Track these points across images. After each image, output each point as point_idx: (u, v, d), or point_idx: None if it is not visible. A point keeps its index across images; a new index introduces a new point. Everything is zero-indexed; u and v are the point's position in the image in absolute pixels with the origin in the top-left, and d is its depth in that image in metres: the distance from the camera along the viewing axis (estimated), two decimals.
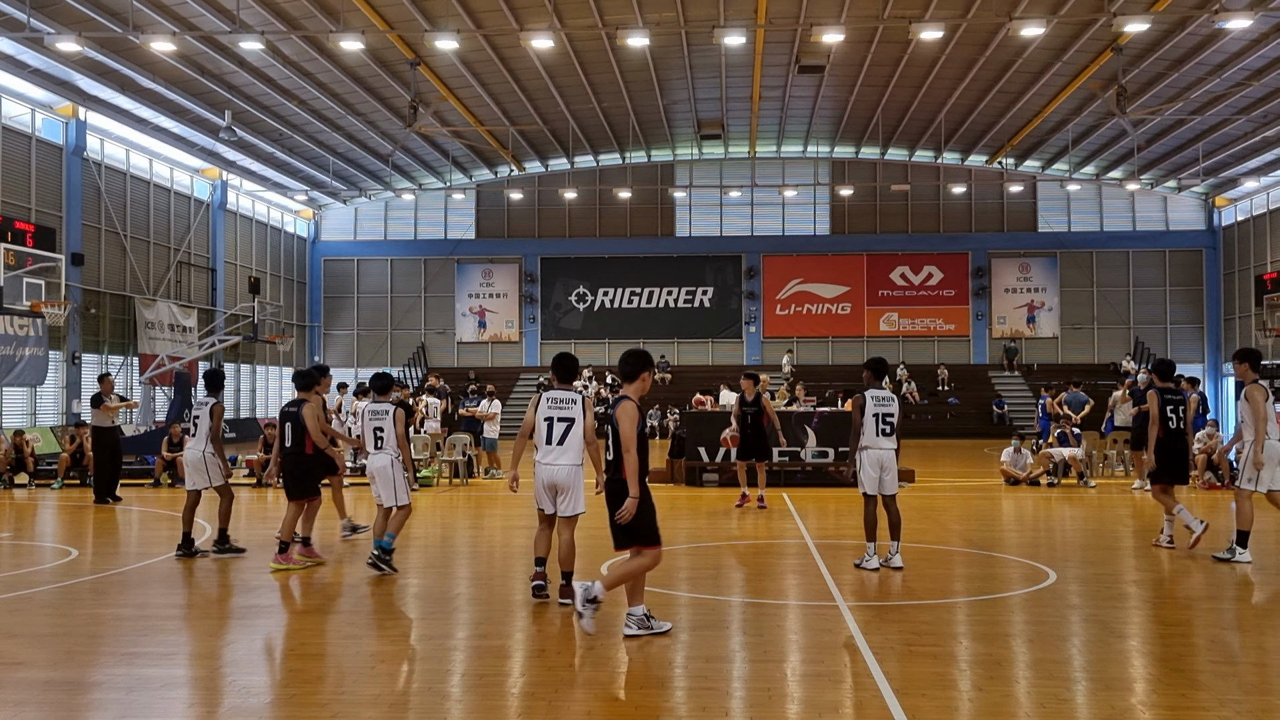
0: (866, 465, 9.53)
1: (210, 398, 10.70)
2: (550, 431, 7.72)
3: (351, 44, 22.21)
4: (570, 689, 5.88)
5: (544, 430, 7.74)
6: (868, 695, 5.67)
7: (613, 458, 7.07)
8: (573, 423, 7.74)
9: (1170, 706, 5.49)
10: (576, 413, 7.77)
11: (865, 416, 9.54)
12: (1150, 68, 28.20)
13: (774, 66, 31.01)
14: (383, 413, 9.73)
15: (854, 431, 9.61)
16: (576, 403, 7.83)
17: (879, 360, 9.92)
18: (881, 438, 9.50)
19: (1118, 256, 42.43)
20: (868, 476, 9.53)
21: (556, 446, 7.71)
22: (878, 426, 9.50)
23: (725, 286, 43.39)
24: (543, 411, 7.80)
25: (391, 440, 9.64)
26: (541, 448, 7.77)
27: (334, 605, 8.29)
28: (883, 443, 9.51)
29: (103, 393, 16.16)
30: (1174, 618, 7.62)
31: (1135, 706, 5.53)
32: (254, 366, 39.50)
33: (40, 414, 27.52)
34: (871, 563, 9.42)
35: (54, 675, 6.17)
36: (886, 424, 9.52)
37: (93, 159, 29.74)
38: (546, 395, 7.89)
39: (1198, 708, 5.46)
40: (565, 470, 7.71)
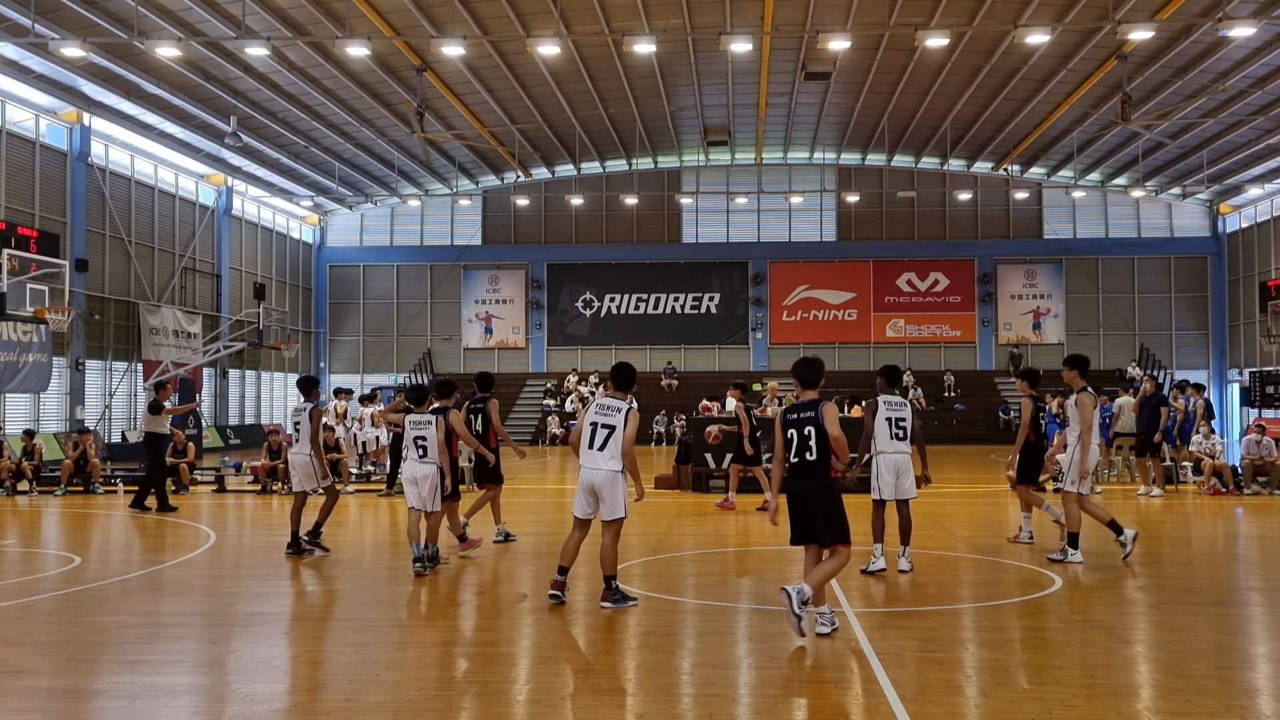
0: (882, 470, 9.64)
1: (308, 402, 11.11)
2: (594, 436, 7.96)
3: (358, 50, 22.24)
4: (576, 696, 5.85)
5: (588, 434, 7.99)
6: (875, 701, 5.64)
7: (816, 458, 7.26)
8: (614, 430, 7.92)
9: (1176, 713, 5.45)
10: (619, 420, 7.95)
11: (877, 421, 9.66)
12: (1154, 75, 28.18)
13: (780, 73, 31.04)
14: (425, 422, 10.01)
15: (865, 436, 9.70)
16: (622, 410, 8.00)
17: (893, 368, 10.07)
18: (895, 441, 9.64)
19: (1123, 263, 42.36)
20: (884, 482, 9.63)
21: (597, 451, 7.93)
22: (891, 430, 9.64)
23: (732, 293, 43.38)
24: (590, 416, 8.06)
25: (434, 449, 9.92)
26: (584, 452, 8.00)
27: (338, 613, 8.27)
28: (896, 447, 9.64)
29: (160, 399, 16.07)
30: (1180, 623, 7.57)
31: (1141, 713, 5.49)
32: (259, 373, 39.54)
33: (44, 420, 27.56)
34: (878, 563, 9.51)
35: (56, 683, 6.15)
36: (899, 428, 9.65)
37: (97, 164, 29.83)
38: (597, 401, 8.12)
39: (1204, 714, 5.43)
40: (604, 474, 7.89)
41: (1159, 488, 16.83)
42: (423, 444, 9.94)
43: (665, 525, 13.29)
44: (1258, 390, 37.14)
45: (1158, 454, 17.20)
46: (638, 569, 9.97)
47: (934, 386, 39.72)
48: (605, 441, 7.91)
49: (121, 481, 19.13)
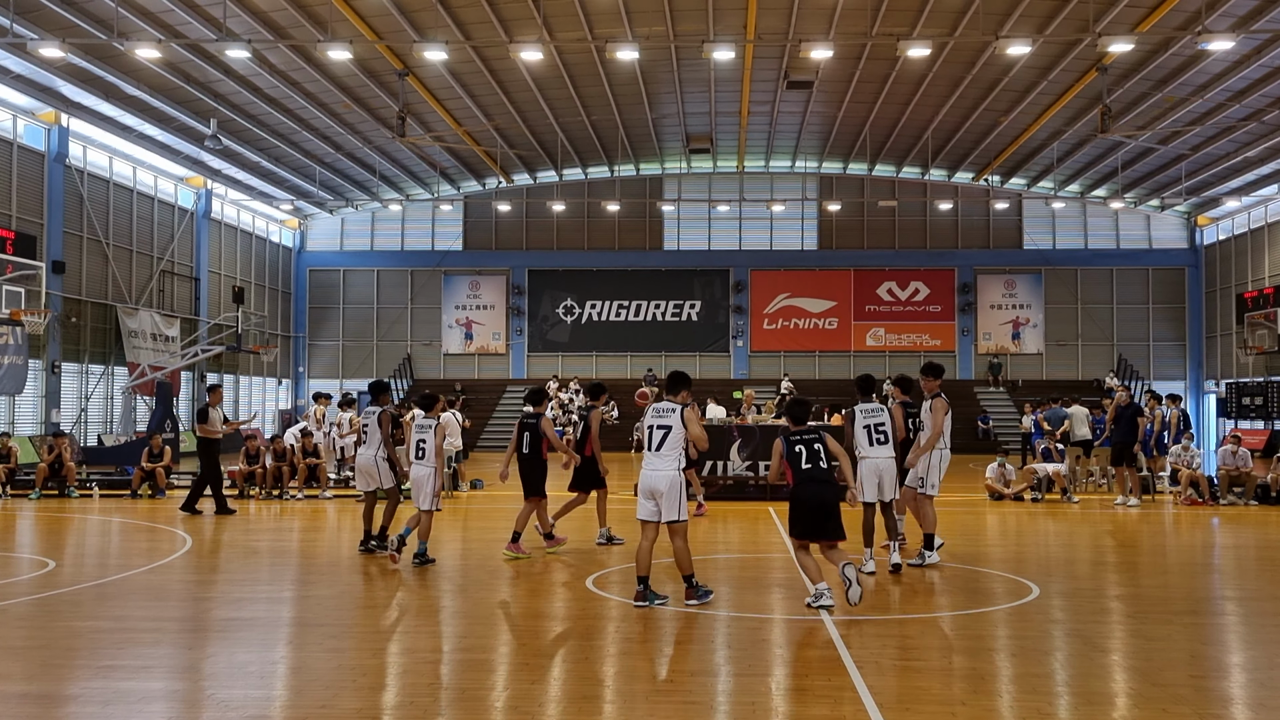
0: (866, 474, 9.94)
1: (376, 406, 11.44)
2: (651, 438, 8.33)
3: (339, 54, 22.15)
4: (554, 703, 5.83)
5: (647, 437, 8.42)
6: (852, 710, 5.65)
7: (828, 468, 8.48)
8: (670, 429, 8.28)
9: None
10: (674, 420, 8.33)
11: (856, 429, 10.06)
12: (1134, 88, 28.48)
13: (763, 82, 31.16)
14: (427, 426, 10.70)
15: (846, 445, 9.93)
16: (676, 412, 8.39)
17: (866, 377, 10.64)
18: (876, 446, 10.01)
19: (1101, 274, 42.74)
20: (868, 485, 9.94)
21: (655, 453, 8.30)
22: (871, 436, 10.02)
23: (713, 300, 43.45)
24: (647, 419, 8.48)
25: (431, 452, 10.55)
26: (646, 455, 8.42)
27: (316, 618, 8.21)
28: (878, 451, 10.00)
29: (210, 404, 15.90)
30: (1156, 632, 7.64)
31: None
32: (237, 377, 39.27)
33: (19, 423, 27.26)
34: (868, 566, 9.80)
35: (29, 688, 6.08)
36: (880, 433, 10.04)
37: (75, 166, 29.57)
38: (653, 406, 8.54)
39: None
40: (664, 477, 8.20)
41: (1136, 498, 16.96)
42: (422, 447, 10.55)
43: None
44: (1234, 401, 37.57)
45: (1134, 464, 17.35)
46: (617, 575, 9.96)
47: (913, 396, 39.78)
48: (663, 441, 8.26)
49: (97, 485, 18.95)
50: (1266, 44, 24.38)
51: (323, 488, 18.30)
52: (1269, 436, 33.69)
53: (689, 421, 8.39)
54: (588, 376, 41.75)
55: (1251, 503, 17.10)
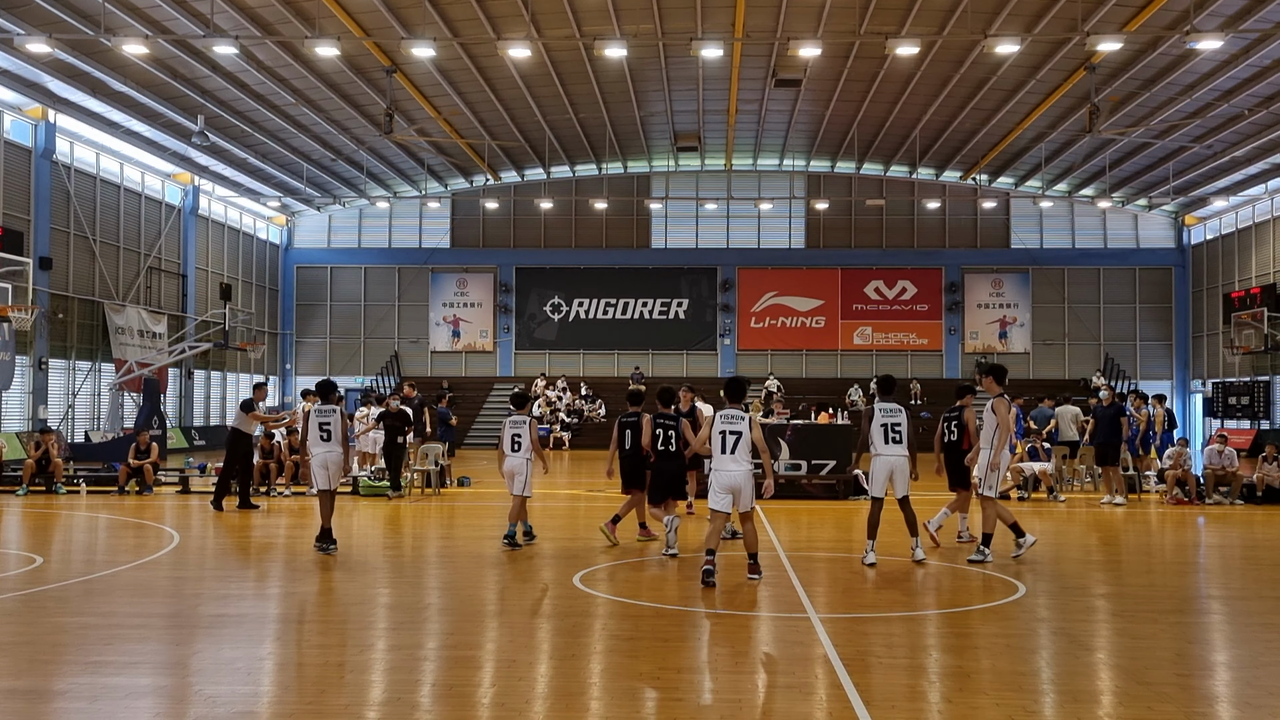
0: (878, 471, 10.39)
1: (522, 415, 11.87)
2: (724, 443, 9.27)
3: (327, 50, 22.07)
4: (541, 700, 5.85)
5: (719, 442, 9.30)
6: (838, 707, 5.69)
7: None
8: (741, 435, 9.25)
9: (1137, 718, 5.53)
10: (744, 427, 9.27)
11: (874, 426, 10.42)
12: (1122, 87, 28.62)
13: (751, 80, 31.20)
14: (520, 422, 11.63)
15: (860, 440, 10.53)
16: (744, 419, 9.32)
17: (887, 377, 11.07)
18: (891, 445, 10.36)
19: (1089, 273, 42.94)
20: (879, 481, 10.40)
21: (729, 455, 9.25)
22: (886, 435, 10.38)
23: (700, 299, 43.49)
24: (718, 426, 9.36)
25: (526, 444, 11.55)
26: (718, 457, 9.32)
27: (303, 615, 8.21)
28: (892, 449, 10.36)
29: (255, 400, 15.89)
30: (1141, 631, 7.69)
31: (1102, 718, 5.58)
32: (224, 374, 39.12)
33: (6, 419, 27.10)
34: (870, 557, 10.25)
35: (17, 684, 6.06)
36: (895, 433, 10.39)
37: (62, 162, 29.40)
38: (720, 413, 9.44)
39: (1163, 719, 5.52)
40: (740, 474, 9.25)
41: (1121, 497, 17.06)
42: (518, 440, 11.54)
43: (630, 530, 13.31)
44: (1220, 401, 37.81)
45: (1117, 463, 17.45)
46: (603, 574, 9.98)
47: (900, 395, 39.86)
48: (735, 445, 9.23)
49: (84, 481, 18.86)
50: (1255, 44, 24.52)
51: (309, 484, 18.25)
52: (1255, 436, 33.93)
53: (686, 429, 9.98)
54: (575, 375, 41.80)
55: (1237, 502, 17.22)
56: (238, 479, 15.70)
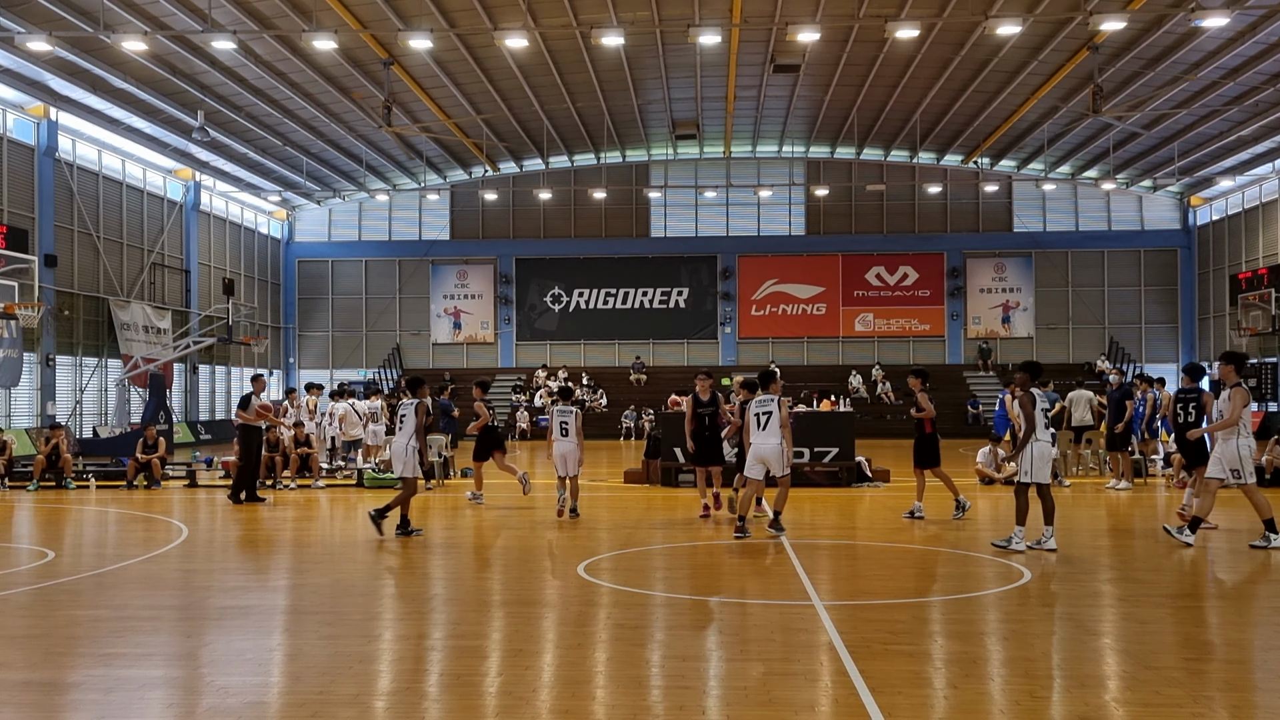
0: (1035, 457, 10.39)
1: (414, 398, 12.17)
2: (759, 421, 11.51)
3: (324, 43, 22.09)
4: (547, 688, 5.89)
5: (754, 421, 11.53)
6: (844, 693, 5.72)
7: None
8: (772, 414, 11.47)
9: (1144, 704, 5.55)
10: (773, 408, 11.51)
11: (1037, 412, 10.40)
12: (1126, 66, 28.49)
13: (749, 66, 31.12)
14: (568, 411, 13.30)
15: (1026, 425, 10.43)
16: (774, 401, 11.58)
17: (1034, 363, 11.04)
18: (1047, 432, 10.51)
19: (1093, 256, 42.85)
20: (1041, 468, 10.40)
21: (763, 431, 11.47)
22: (1043, 421, 10.45)
23: (700, 287, 43.47)
24: (753, 409, 11.62)
25: (574, 431, 13.14)
26: (754, 433, 11.52)
27: (311, 606, 8.26)
28: (1048, 436, 10.53)
29: (254, 392, 15.91)
30: (1148, 615, 7.71)
31: (1109, 704, 5.59)
32: (229, 368, 39.21)
33: (15, 416, 27.20)
34: (1049, 543, 10.34)
35: (32, 676, 6.12)
36: (1047, 418, 10.55)
37: (65, 160, 29.42)
38: (756, 399, 11.66)
39: (1171, 704, 5.53)
40: (771, 447, 11.40)
41: (1127, 481, 17.05)
42: (566, 426, 13.14)
43: (634, 519, 13.36)
44: None
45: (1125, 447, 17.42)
46: (607, 563, 10.02)
47: (902, 381, 39.90)
48: (767, 423, 11.45)
49: (94, 476, 18.95)
50: (1261, 20, 24.38)
51: (315, 477, 18.33)
52: (1263, 418, 33.86)
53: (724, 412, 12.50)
54: (576, 365, 41.82)
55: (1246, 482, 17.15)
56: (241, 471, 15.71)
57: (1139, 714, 5.38)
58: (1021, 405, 10.47)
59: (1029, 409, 10.40)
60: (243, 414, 15.76)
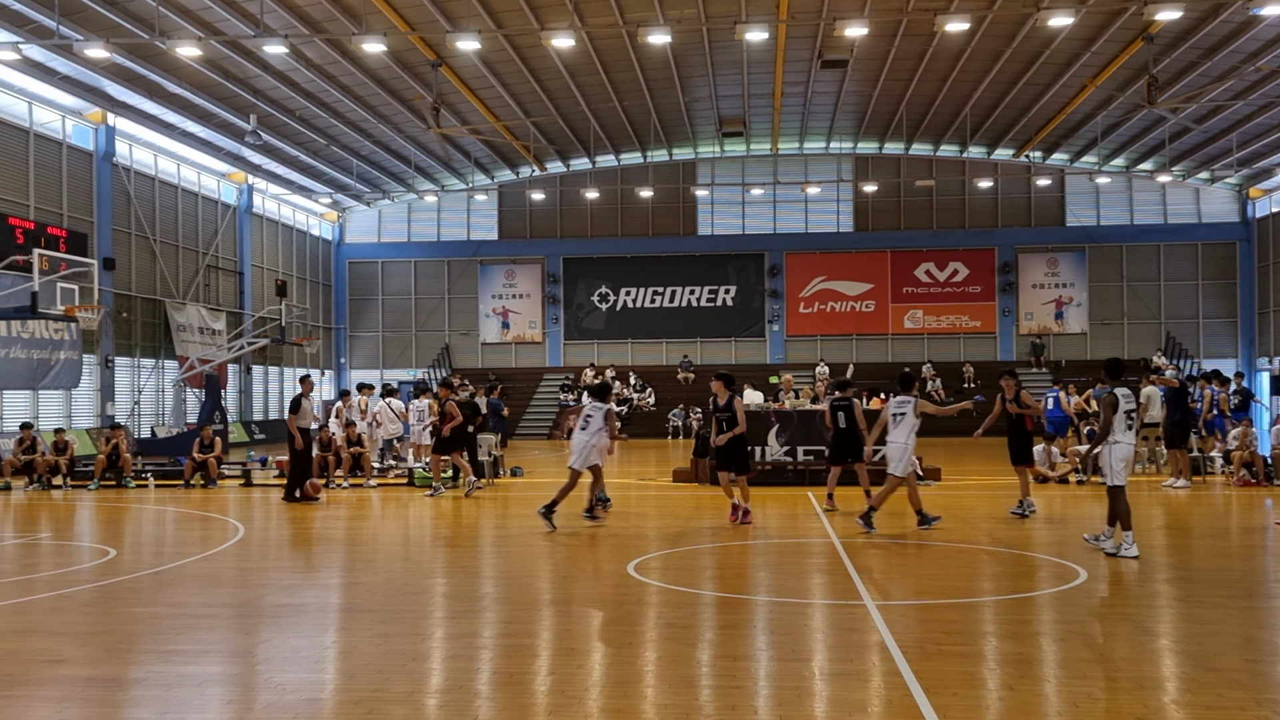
0: (1116, 458, 9.95)
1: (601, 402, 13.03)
2: (895, 420, 11.71)
3: (374, 46, 22.35)
4: (598, 687, 5.91)
5: (891, 422, 11.76)
6: (897, 694, 5.66)
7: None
8: (905, 415, 11.71)
9: (1206, 706, 5.43)
10: (908, 409, 11.68)
11: (1117, 414, 9.98)
12: (1182, 57, 27.87)
13: (796, 62, 30.93)
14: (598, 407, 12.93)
15: (1103, 427, 9.99)
16: (910, 403, 11.75)
17: (1115, 360, 10.60)
18: (1129, 433, 10.06)
19: (1148, 250, 41.97)
20: (1120, 470, 9.95)
21: (894, 430, 11.68)
22: (1126, 422, 10.03)
23: (748, 285, 43.30)
24: (890, 409, 11.84)
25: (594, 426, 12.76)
26: (890, 431, 11.71)
27: (364, 604, 8.36)
28: (1130, 438, 10.07)
29: (303, 394, 16.17)
30: (1208, 616, 7.54)
31: (1169, 706, 5.48)
32: (281, 369, 39.86)
33: (76, 416, 27.91)
34: (1131, 550, 9.78)
35: (95, 672, 6.28)
36: (1130, 418, 10.10)
37: (122, 164, 30.11)
38: (892, 400, 12.03)
39: (1234, 707, 5.41)
40: (895, 445, 11.62)
41: (1186, 479, 16.70)
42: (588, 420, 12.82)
43: (684, 518, 13.35)
44: None
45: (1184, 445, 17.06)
46: (656, 562, 10.03)
47: (953, 378, 39.53)
48: (899, 422, 11.67)
49: (152, 476, 19.39)
50: None
51: (366, 476, 18.56)
52: None
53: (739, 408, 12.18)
54: (624, 364, 41.89)
55: None
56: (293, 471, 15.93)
57: (1200, 716, 5.26)
58: (1100, 406, 10.07)
59: (1108, 410, 9.97)
60: (294, 417, 15.97)
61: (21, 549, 11.72)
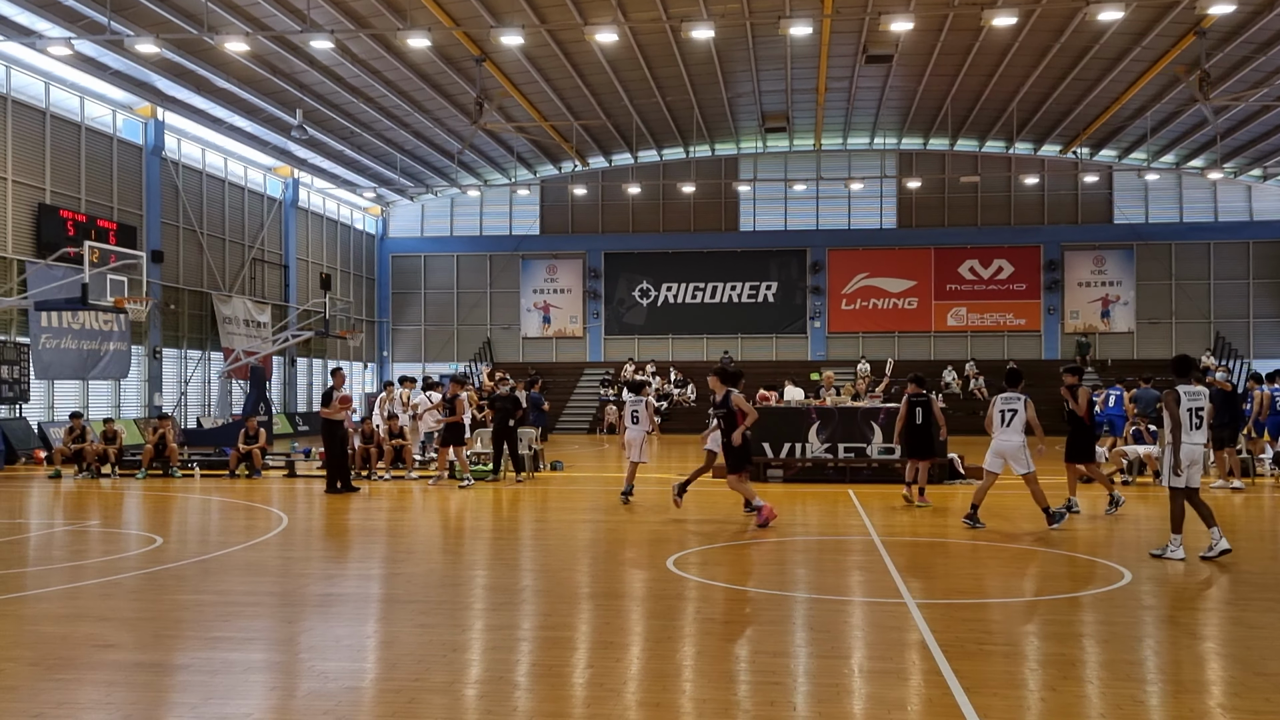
0: (1183, 459, 9.63)
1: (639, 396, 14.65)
2: (1003, 418, 11.84)
3: (418, 41, 22.52)
4: (637, 681, 5.92)
5: (999, 418, 11.85)
6: (937, 693, 5.62)
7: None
8: (1017, 412, 11.78)
9: (1254, 711, 5.34)
10: (1019, 406, 11.80)
11: (1180, 411, 9.67)
12: (1235, 51, 27.28)
13: (841, 57, 30.69)
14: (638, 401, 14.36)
15: (1171, 426, 9.67)
16: (1020, 399, 11.84)
17: (1184, 357, 10.20)
18: (1195, 432, 9.72)
19: (1198, 248, 41.15)
20: (1185, 471, 9.60)
21: (1007, 428, 11.79)
22: (1191, 420, 9.72)
23: (790, 281, 43.08)
24: (998, 406, 11.92)
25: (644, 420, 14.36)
26: (998, 429, 11.81)
27: (405, 595, 8.45)
28: (1196, 437, 9.71)
29: (335, 386, 16.35)
30: (1258, 620, 7.39)
31: (1214, 710, 5.39)
32: (325, 361, 40.34)
33: (124, 406, 28.47)
34: (1178, 553, 9.53)
35: (142, 657, 6.41)
36: (1198, 418, 9.77)
37: (170, 158, 30.63)
38: (1001, 396, 11.99)
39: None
40: (1013, 444, 11.69)
41: (1238, 480, 16.37)
42: (636, 415, 14.34)
43: (724, 514, 13.33)
44: None
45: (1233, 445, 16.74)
46: (696, 557, 10.02)
47: (997, 376, 39.02)
48: (1010, 420, 11.77)
49: (198, 465, 19.73)
50: None
51: (408, 469, 18.74)
52: None
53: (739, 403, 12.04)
54: (664, 360, 41.87)
55: None
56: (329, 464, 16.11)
57: None
58: (1166, 405, 9.69)
59: (1174, 408, 9.64)
60: (325, 410, 16.14)
61: (71, 536, 12.00)
